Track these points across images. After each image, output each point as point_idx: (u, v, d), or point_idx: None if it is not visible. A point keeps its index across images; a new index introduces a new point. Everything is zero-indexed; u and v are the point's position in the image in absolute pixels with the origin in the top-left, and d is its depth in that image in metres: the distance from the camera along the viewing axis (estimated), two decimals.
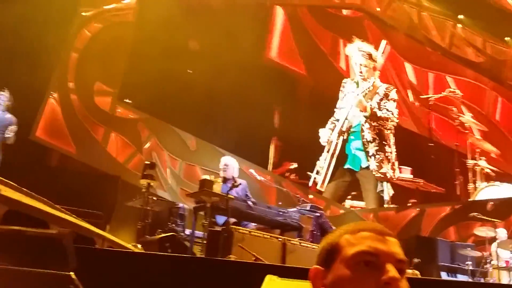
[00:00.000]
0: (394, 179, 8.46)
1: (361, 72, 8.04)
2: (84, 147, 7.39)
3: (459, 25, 10.95)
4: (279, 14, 10.30)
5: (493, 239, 6.92)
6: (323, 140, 8.03)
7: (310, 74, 10.19)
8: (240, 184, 5.52)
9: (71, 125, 7.36)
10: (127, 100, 7.96)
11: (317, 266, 1.08)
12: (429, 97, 9.47)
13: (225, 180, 5.82)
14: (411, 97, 10.74)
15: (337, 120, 8.12)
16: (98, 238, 3.61)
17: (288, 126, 9.10)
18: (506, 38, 11.01)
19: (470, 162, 8.88)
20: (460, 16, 10.79)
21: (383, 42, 8.48)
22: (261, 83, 8.41)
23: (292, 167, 9.22)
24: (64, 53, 7.64)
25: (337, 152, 8.01)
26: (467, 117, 9.06)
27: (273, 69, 9.67)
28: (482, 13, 10.60)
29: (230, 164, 5.97)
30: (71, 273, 1.28)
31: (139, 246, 4.54)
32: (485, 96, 11.08)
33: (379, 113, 7.90)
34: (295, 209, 5.78)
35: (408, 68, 10.92)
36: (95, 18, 7.99)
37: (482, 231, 7.09)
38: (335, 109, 8.36)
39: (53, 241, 1.35)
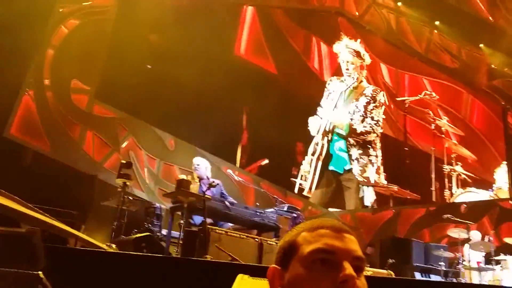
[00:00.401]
0: (380, 185, 8.45)
1: (347, 69, 8.09)
2: (60, 146, 7.25)
3: (436, 31, 11.16)
4: (250, 12, 10.25)
5: (466, 240, 7.06)
6: (313, 131, 8.02)
7: (281, 73, 10.19)
8: (218, 184, 5.52)
9: (46, 123, 7.21)
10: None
11: (275, 266, 1.06)
12: (405, 100, 9.53)
13: (200, 179, 5.83)
14: (386, 99, 10.87)
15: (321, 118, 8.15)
16: (71, 238, 3.56)
17: (259, 125, 9.06)
18: (480, 45, 11.27)
19: (446, 167, 8.93)
20: (437, 23, 11.01)
21: (357, 42, 8.53)
22: (235, 82, 8.43)
23: (263, 163, 9.22)
24: (40, 49, 7.49)
25: (323, 154, 8.01)
26: (443, 121, 9.16)
27: (244, 68, 9.65)
28: (458, 20, 10.84)
29: (201, 164, 6.01)
30: (40, 272, 1.26)
31: (114, 246, 4.47)
32: (462, 100, 11.27)
33: (359, 129, 7.90)
34: (272, 209, 5.80)
35: (384, 69, 11.03)
36: (72, 14, 7.84)
37: (455, 233, 7.23)
38: (318, 108, 8.38)
39: (22, 240, 1.32)
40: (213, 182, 5.12)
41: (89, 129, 7.60)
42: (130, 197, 5.57)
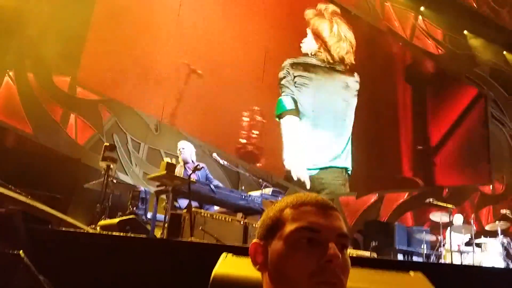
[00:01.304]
0: None
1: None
2: (42, 128, 7.11)
3: (421, 17, 11.19)
4: None
5: (448, 224, 7.20)
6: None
7: None
8: (203, 167, 5.50)
9: (28, 105, 7.05)
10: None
11: (257, 241, 1.05)
12: None
13: (185, 163, 5.81)
14: None
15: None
16: (54, 220, 3.52)
17: None
18: (465, 32, 11.35)
19: None
20: (422, 8, 11.03)
21: None
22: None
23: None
24: (21, 29, 7.29)
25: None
26: None
27: None
28: (442, 6, 10.88)
29: (186, 147, 5.99)
30: (21, 252, 1.23)
31: (98, 229, 4.45)
32: None
33: None
34: (257, 193, 5.82)
35: None
36: None
37: (437, 216, 7.37)
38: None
39: (2, 219, 1.29)
40: (198, 165, 5.09)
41: (71, 111, 7.47)
42: (114, 180, 5.52)
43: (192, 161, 5.81)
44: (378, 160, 10.29)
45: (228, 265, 1.31)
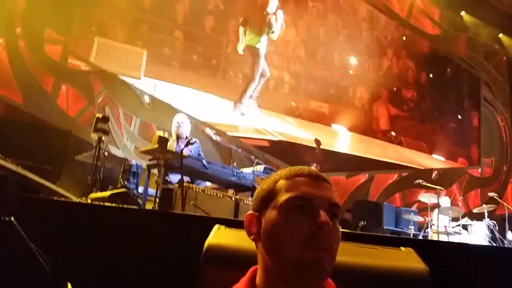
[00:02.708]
0: None
1: None
2: (32, 98, 6.99)
3: None
4: None
5: (436, 205, 7.30)
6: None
7: None
8: (195, 142, 5.47)
9: (19, 74, 6.91)
10: None
11: (252, 212, 1.09)
12: None
13: (178, 138, 5.76)
14: None
15: None
16: (44, 190, 3.50)
17: None
18: (462, 13, 11.29)
19: None
20: None
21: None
22: None
23: None
24: None
25: None
26: None
27: None
28: None
29: (184, 121, 5.90)
30: (12, 218, 1.22)
31: (89, 201, 4.44)
32: None
33: None
34: (249, 170, 5.83)
35: None
36: None
37: (426, 197, 7.47)
38: None
39: None
40: (191, 139, 5.06)
41: (63, 82, 7.34)
42: (105, 153, 5.48)
43: (186, 136, 5.77)
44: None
45: (221, 236, 1.32)
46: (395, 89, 10.84)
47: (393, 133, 10.47)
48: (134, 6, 8.14)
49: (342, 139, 9.82)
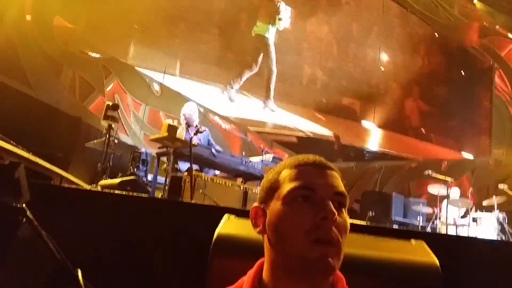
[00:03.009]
0: None
1: None
2: (42, 85, 7.01)
3: None
4: None
5: (445, 197, 7.25)
6: None
7: None
8: (205, 130, 5.47)
9: (29, 60, 6.93)
10: None
11: (257, 204, 1.06)
12: None
13: (188, 126, 5.76)
14: None
15: None
16: (55, 177, 3.53)
17: None
18: (474, 1, 11.09)
19: None
20: None
21: None
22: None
23: None
24: None
25: None
26: None
27: None
28: None
29: (195, 110, 5.89)
30: (23, 205, 1.23)
31: (99, 188, 4.47)
32: None
33: None
34: (258, 159, 5.83)
35: None
36: None
37: (435, 189, 7.41)
38: None
39: (5, 171, 1.28)
40: (200, 128, 5.07)
41: (73, 69, 7.37)
42: (115, 140, 5.50)
43: (196, 125, 5.76)
44: None
45: (231, 226, 1.31)
46: (425, 85, 10.79)
47: (423, 130, 10.48)
48: (172, 4, 8.14)
49: (372, 136, 9.86)
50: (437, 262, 1.31)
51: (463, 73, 11.37)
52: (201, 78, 8.24)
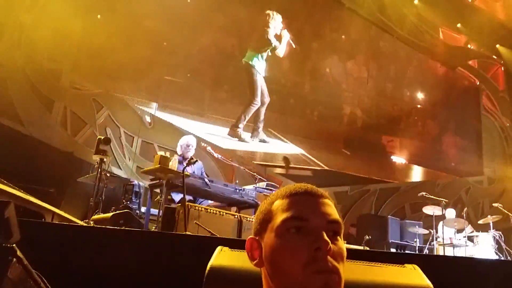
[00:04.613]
0: None
1: None
2: (34, 121, 7.03)
3: (415, 10, 11.17)
4: None
5: (440, 217, 7.24)
6: None
7: None
8: (197, 161, 5.46)
9: (20, 97, 6.96)
10: None
11: (253, 236, 1.04)
12: None
13: (183, 158, 5.73)
14: None
15: None
16: (47, 214, 3.49)
17: None
18: (458, 25, 11.36)
19: None
20: (416, 1, 11.01)
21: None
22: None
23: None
24: (13, 16, 7.15)
25: None
26: None
27: None
28: None
29: (193, 144, 5.86)
30: (14, 245, 1.22)
31: (91, 223, 4.42)
32: None
33: None
34: (252, 187, 5.81)
35: None
36: None
37: (430, 210, 7.41)
38: None
39: None
40: (192, 158, 5.06)
41: (64, 104, 7.39)
42: (107, 174, 5.48)
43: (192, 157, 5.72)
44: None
45: (223, 258, 1.30)
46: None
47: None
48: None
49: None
50: (431, 285, 1.30)
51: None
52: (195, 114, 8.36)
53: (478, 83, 11.92)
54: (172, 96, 8.37)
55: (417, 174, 10.71)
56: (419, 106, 11.25)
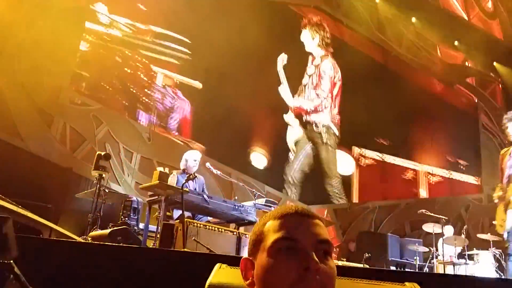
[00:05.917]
0: None
1: None
2: (33, 137, 7.02)
3: (412, 28, 11.30)
4: None
5: (440, 235, 7.20)
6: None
7: None
8: (196, 176, 5.44)
9: (19, 113, 6.98)
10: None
11: (246, 257, 1.07)
12: None
13: (183, 172, 5.70)
14: None
15: None
16: (45, 230, 3.47)
17: None
18: (455, 43, 11.48)
19: None
20: (413, 19, 11.14)
21: None
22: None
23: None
24: (14, 34, 7.20)
25: None
26: None
27: None
28: (433, 17, 11.00)
29: (199, 160, 5.83)
30: (11, 261, 1.20)
31: (89, 239, 4.39)
32: None
33: None
34: (251, 203, 5.79)
35: None
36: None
37: (429, 227, 7.37)
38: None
39: None
40: (191, 174, 5.04)
41: (63, 120, 7.40)
42: (106, 190, 5.45)
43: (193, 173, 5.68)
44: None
45: (222, 276, 1.29)
46: None
47: None
48: None
49: None
50: None
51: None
52: None
53: (476, 101, 11.98)
54: None
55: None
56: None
